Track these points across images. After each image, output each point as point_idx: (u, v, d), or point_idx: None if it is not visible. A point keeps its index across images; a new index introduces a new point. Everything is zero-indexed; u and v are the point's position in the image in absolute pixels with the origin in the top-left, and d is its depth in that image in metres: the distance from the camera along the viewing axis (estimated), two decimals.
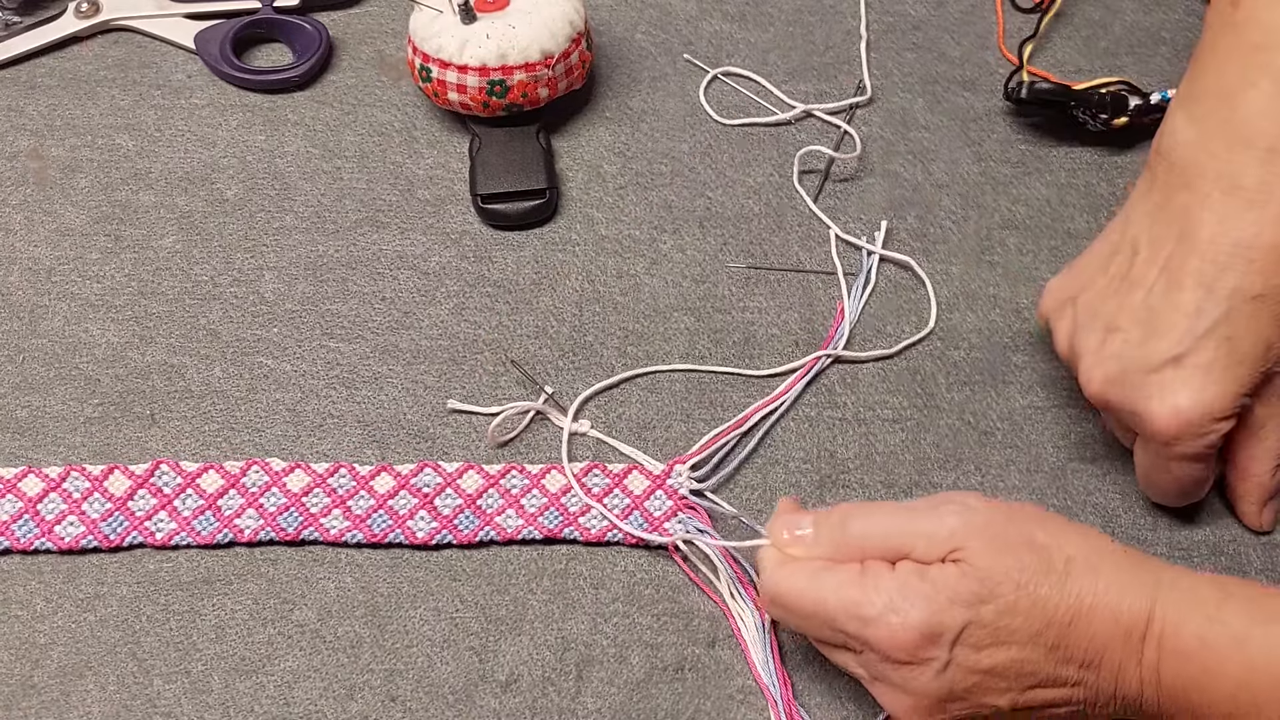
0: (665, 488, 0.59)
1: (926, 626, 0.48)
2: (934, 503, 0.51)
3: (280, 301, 0.65)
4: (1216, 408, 0.53)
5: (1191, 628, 0.48)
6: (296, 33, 0.74)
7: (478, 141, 0.68)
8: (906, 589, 0.48)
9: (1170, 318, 0.54)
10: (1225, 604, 0.48)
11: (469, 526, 0.59)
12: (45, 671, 0.56)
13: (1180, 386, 0.53)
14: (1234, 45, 0.56)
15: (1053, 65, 0.73)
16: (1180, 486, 0.57)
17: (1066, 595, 0.48)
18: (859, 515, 0.51)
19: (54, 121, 0.71)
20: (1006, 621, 0.48)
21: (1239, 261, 0.53)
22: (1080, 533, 0.50)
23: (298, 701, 0.55)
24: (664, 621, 0.57)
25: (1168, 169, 0.56)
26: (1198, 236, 0.54)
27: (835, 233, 0.67)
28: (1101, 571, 0.48)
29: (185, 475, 0.60)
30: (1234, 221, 0.53)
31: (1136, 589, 0.48)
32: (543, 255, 0.67)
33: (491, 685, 0.56)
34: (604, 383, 0.63)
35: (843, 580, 0.50)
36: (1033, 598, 0.48)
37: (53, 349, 0.64)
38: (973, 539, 0.49)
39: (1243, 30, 0.56)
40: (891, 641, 0.48)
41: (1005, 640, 0.48)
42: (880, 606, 0.48)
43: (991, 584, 0.48)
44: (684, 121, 0.72)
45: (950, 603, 0.48)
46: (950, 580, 0.48)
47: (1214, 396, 0.53)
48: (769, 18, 0.76)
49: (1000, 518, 0.50)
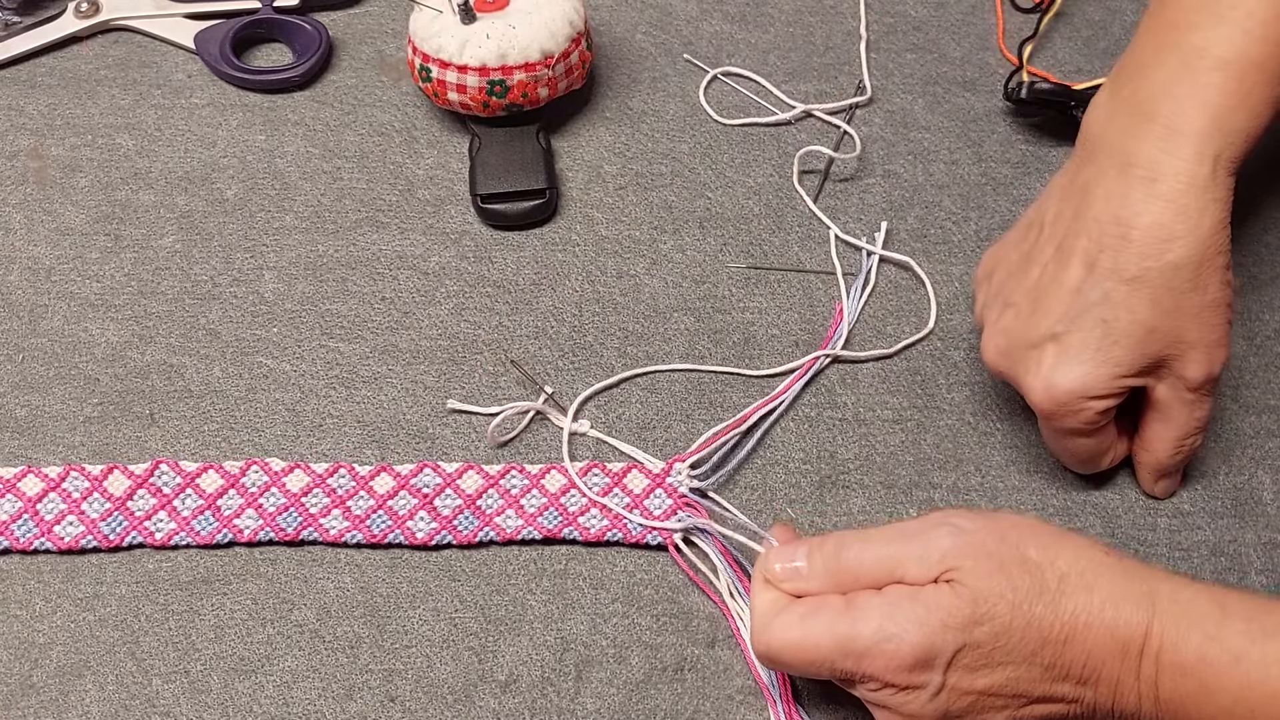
0: (665, 486, 0.59)
1: (920, 650, 0.47)
2: (925, 524, 0.51)
3: (280, 301, 0.65)
4: (1088, 386, 0.53)
5: (1190, 644, 0.47)
6: (296, 33, 0.74)
7: (478, 141, 0.68)
8: (896, 612, 0.48)
9: (1055, 295, 0.54)
10: (1224, 620, 0.47)
11: (468, 527, 0.59)
12: (44, 671, 0.56)
13: (1055, 363, 0.54)
14: (1155, 22, 0.56)
15: (1053, 65, 0.73)
16: (1075, 456, 0.58)
17: (1061, 613, 0.48)
18: (851, 542, 0.51)
19: (54, 121, 0.71)
20: (1001, 642, 0.47)
21: (1118, 240, 0.53)
22: (1074, 546, 0.50)
23: (296, 702, 0.55)
24: (663, 622, 0.57)
25: (1083, 144, 0.57)
26: (1088, 214, 0.54)
27: (835, 233, 0.67)
28: (1096, 587, 0.48)
29: (185, 475, 0.60)
30: (1120, 200, 0.53)
31: (1133, 603, 0.48)
32: (543, 255, 0.67)
33: (491, 686, 0.56)
34: (604, 383, 0.63)
35: (831, 618, 0.49)
36: (1027, 617, 0.47)
37: (52, 348, 0.64)
38: (965, 559, 0.48)
39: (1165, 6, 0.56)
40: (887, 668, 0.48)
41: (1001, 661, 0.48)
42: (871, 635, 0.48)
43: (985, 605, 0.47)
44: (684, 122, 0.72)
45: (944, 626, 0.47)
46: (943, 602, 0.48)
47: (1085, 375, 0.53)
48: (769, 18, 0.76)
49: (992, 536, 0.49)
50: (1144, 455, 0.58)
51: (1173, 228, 0.52)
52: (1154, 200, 0.53)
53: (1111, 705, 0.48)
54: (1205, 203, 0.52)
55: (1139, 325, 0.53)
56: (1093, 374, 0.53)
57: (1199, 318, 0.53)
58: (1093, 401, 0.54)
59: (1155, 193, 0.53)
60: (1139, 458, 0.59)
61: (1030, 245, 0.57)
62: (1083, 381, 0.54)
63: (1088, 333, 0.53)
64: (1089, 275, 0.54)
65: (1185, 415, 0.56)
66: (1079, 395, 0.54)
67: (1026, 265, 0.56)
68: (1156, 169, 0.53)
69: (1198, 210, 0.52)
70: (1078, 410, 0.54)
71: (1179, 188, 0.52)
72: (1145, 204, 0.53)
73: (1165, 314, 0.53)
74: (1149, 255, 0.52)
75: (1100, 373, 0.53)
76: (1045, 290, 0.55)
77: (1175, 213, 0.52)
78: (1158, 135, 0.53)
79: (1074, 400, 0.54)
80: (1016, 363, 0.55)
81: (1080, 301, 0.54)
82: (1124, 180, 0.53)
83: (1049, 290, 0.55)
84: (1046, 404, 0.54)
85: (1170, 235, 0.52)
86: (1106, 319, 0.53)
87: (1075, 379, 0.54)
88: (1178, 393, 0.55)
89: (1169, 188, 0.52)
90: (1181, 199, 0.52)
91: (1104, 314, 0.53)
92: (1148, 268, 0.52)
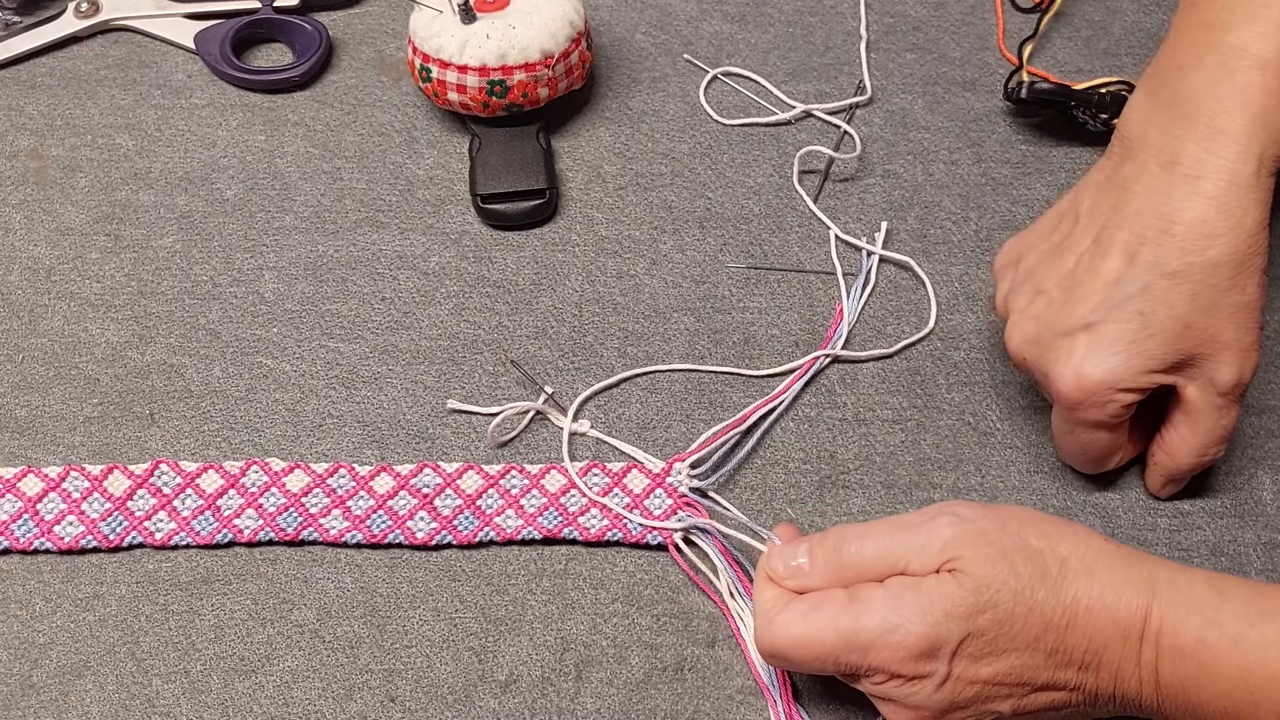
0: (665, 486, 0.59)
1: (925, 640, 0.47)
2: (926, 515, 0.51)
3: (280, 301, 0.65)
4: (1119, 378, 0.53)
5: (1189, 627, 0.48)
6: (296, 33, 0.74)
7: (478, 141, 0.68)
8: (900, 603, 0.48)
9: (1091, 285, 0.54)
10: (1222, 604, 0.48)
11: (468, 527, 0.59)
12: (44, 671, 0.56)
13: (1088, 353, 0.54)
14: (1188, 23, 0.56)
15: (1053, 65, 0.73)
16: (1086, 453, 0.58)
17: (1062, 599, 0.48)
18: (853, 537, 0.51)
19: (54, 121, 0.71)
20: (1005, 629, 0.48)
21: (1160, 235, 0.53)
22: (1073, 533, 0.50)
23: (296, 702, 0.55)
24: (663, 622, 0.57)
25: (1121, 142, 0.57)
26: (1128, 208, 0.54)
27: (835, 233, 0.67)
28: (1096, 572, 0.48)
29: (185, 475, 0.60)
30: (1163, 195, 0.53)
31: (1133, 588, 0.48)
32: (543, 255, 0.67)
33: (491, 686, 0.56)
34: (604, 383, 0.63)
35: (835, 612, 0.49)
36: (1029, 604, 0.48)
37: (52, 348, 0.64)
38: (966, 549, 0.49)
39: (1197, 8, 0.56)
40: (893, 659, 0.48)
41: (1004, 648, 0.48)
42: (875, 627, 0.48)
43: (988, 593, 0.48)
44: (684, 122, 0.72)
45: (947, 615, 0.48)
46: (946, 591, 0.48)
47: (1118, 366, 0.53)
48: (769, 18, 0.76)
49: (993, 525, 0.50)
50: (1163, 459, 0.58)
51: (1215, 224, 0.52)
52: (1197, 197, 0.53)
53: (1113, 691, 0.49)
54: (1248, 202, 0.52)
55: (1176, 320, 0.53)
56: (1125, 365, 0.53)
57: (1235, 318, 0.53)
58: (1121, 394, 0.54)
59: (1198, 190, 0.53)
60: (1156, 459, 0.58)
61: (1064, 235, 0.57)
62: (1114, 372, 0.53)
63: (1124, 324, 0.53)
64: (1129, 267, 0.53)
65: (1212, 421, 0.55)
66: (1109, 386, 0.54)
67: (1059, 254, 0.56)
68: (1200, 166, 0.53)
69: (1240, 209, 0.52)
70: (1105, 402, 0.54)
71: (1222, 186, 0.52)
72: (1188, 200, 0.53)
73: (1202, 311, 0.53)
74: (1191, 250, 0.52)
75: (1133, 364, 0.53)
76: (1080, 280, 0.55)
77: (1218, 210, 0.52)
78: (1200, 135, 0.53)
79: (1103, 391, 0.54)
80: (1046, 350, 0.55)
81: (1118, 293, 0.53)
82: (1167, 177, 0.53)
83: (1084, 280, 0.54)
84: (1075, 393, 0.54)
85: (1213, 232, 0.52)
86: (1144, 311, 0.53)
87: (1107, 369, 0.53)
88: (1207, 395, 0.55)
89: (1212, 185, 0.52)
90: (1224, 197, 0.52)
91: (1142, 306, 0.53)
92: (1189, 263, 0.52)
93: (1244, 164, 0.52)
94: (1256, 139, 0.52)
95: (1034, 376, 0.57)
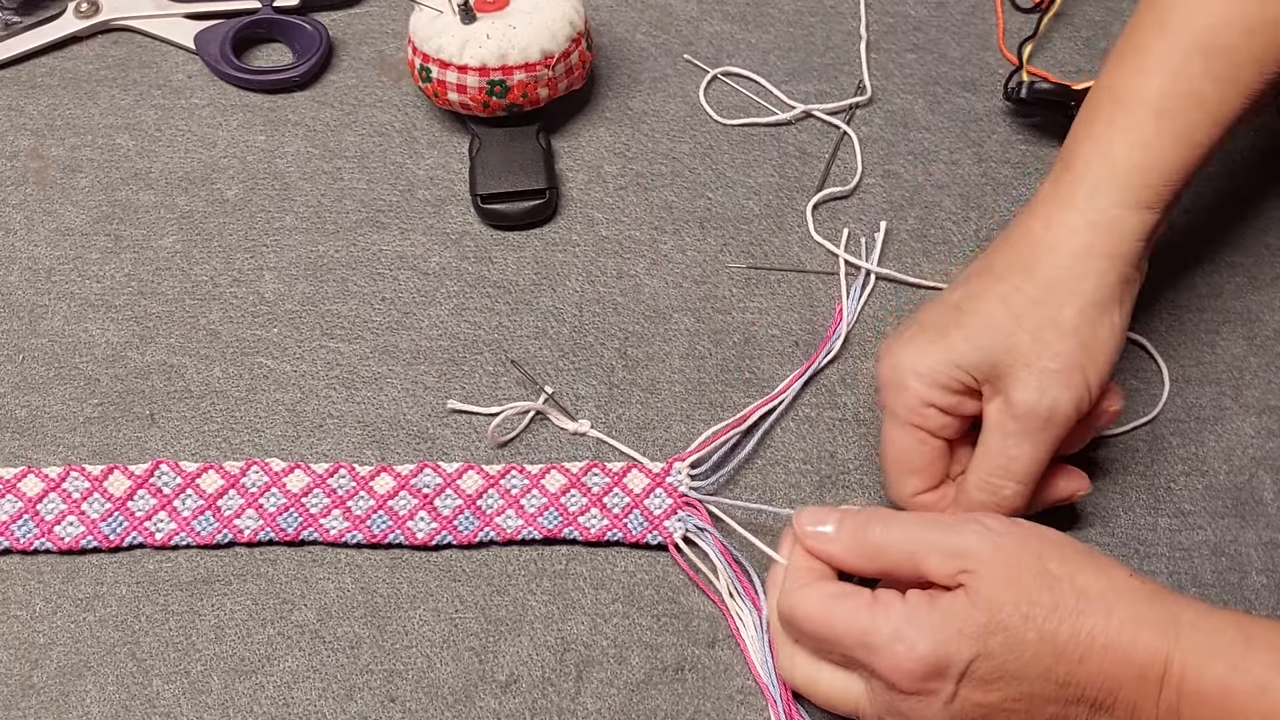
0: (665, 486, 0.59)
1: (933, 657, 0.47)
2: (956, 519, 0.51)
3: (280, 301, 0.65)
4: (918, 362, 0.54)
5: (1214, 673, 0.46)
6: (296, 33, 0.74)
7: (478, 141, 0.68)
8: (914, 618, 0.48)
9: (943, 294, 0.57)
10: (1249, 650, 0.47)
11: (469, 527, 0.59)
12: (44, 671, 0.56)
13: (906, 338, 0.55)
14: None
15: (1053, 65, 0.73)
16: (886, 454, 0.56)
17: (1077, 631, 0.47)
18: (881, 521, 0.51)
19: (54, 121, 0.71)
20: (1015, 654, 0.47)
21: (1003, 241, 0.56)
22: (1097, 565, 0.49)
23: (297, 702, 0.55)
24: (664, 622, 0.57)
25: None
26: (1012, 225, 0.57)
27: (835, 241, 0.67)
28: (1116, 609, 0.47)
29: (185, 475, 0.60)
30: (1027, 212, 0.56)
31: (1153, 629, 0.47)
32: (543, 255, 0.67)
33: (491, 686, 0.56)
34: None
35: (856, 607, 0.49)
36: (1040, 631, 0.47)
37: (52, 348, 0.64)
38: (983, 563, 0.48)
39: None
40: (897, 670, 0.48)
41: (1014, 675, 0.47)
42: (887, 635, 0.48)
43: (1000, 614, 0.47)
44: (684, 122, 0.72)
45: (958, 635, 0.47)
46: (959, 610, 0.48)
47: (919, 350, 0.54)
48: (769, 18, 0.76)
49: (1015, 543, 0.49)
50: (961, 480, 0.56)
51: (1041, 236, 0.54)
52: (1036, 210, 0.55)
53: None
54: (1079, 225, 0.54)
55: (984, 317, 0.54)
56: (927, 351, 0.54)
57: (1038, 333, 0.52)
58: (921, 385, 0.54)
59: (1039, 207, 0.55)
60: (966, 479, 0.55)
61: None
62: (915, 357, 0.54)
63: (940, 315, 0.55)
64: (964, 267, 0.57)
65: (998, 444, 0.53)
66: (910, 369, 0.54)
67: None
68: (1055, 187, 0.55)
69: (1068, 230, 0.54)
70: (903, 387, 0.54)
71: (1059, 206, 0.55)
72: (1031, 214, 0.55)
73: (1012, 316, 0.53)
74: (1016, 254, 0.54)
75: (935, 351, 0.54)
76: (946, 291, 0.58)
77: (1045, 225, 0.54)
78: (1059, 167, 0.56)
79: (904, 375, 0.54)
80: (882, 350, 0.57)
81: (949, 294, 0.56)
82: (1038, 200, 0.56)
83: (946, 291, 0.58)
84: (883, 372, 0.56)
85: (1038, 242, 0.54)
86: (960, 305, 0.55)
87: (910, 352, 0.55)
88: (1001, 417, 0.53)
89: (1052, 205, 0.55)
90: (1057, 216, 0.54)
91: (959, 300, 0.55)
92: (1010, 264, 0.54)
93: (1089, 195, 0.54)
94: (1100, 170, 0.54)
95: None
